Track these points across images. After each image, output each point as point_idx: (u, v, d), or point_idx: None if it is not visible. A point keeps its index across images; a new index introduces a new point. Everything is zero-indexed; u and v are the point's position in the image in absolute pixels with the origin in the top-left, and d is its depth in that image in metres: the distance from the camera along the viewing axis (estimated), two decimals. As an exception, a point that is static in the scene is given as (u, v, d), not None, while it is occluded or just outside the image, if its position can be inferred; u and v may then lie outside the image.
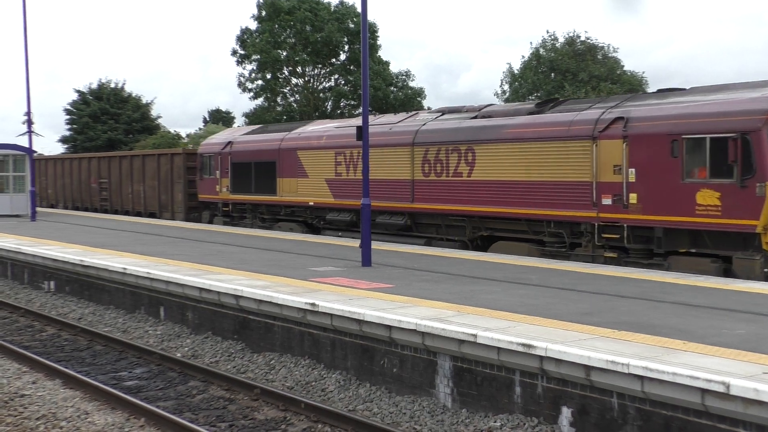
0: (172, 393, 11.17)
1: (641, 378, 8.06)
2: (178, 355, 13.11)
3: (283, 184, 26.96)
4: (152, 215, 34.52)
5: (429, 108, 49.76)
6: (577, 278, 14.21)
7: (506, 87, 55.51)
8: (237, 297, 13.19)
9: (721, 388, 7.43)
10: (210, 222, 30.92)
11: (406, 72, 54.69)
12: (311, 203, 25.72)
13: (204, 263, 16.38)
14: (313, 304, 11.75)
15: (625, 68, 53.80)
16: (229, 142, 29.94)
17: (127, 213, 36.29)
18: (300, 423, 9.83)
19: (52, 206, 43.28)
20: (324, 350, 11.87)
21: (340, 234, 24.47)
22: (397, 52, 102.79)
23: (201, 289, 13.98)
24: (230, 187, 29.46)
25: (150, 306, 15.68)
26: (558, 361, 8.77)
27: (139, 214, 35.35)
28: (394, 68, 54.75)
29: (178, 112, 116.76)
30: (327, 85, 54.86)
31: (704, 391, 7.59)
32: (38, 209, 34.97)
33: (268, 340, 12.84)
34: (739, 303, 11.62)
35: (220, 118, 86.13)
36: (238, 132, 32.23)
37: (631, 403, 8.30)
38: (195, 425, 9.36)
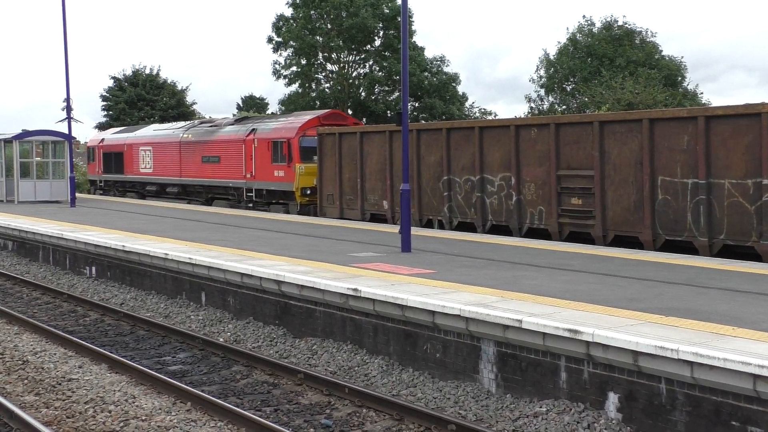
0: (216, 378, 11.26)
1: (691, 364, 7.98)
2: (221, 340, 13.21)
3: None
4: None
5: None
6: (620, 264, 14.08)
7: (542, 72, 55.03)
8: (279, 282, 13.24)
9: (774, 375, 7.33)
10: None
11: (440, 57, 54.41)
12: None
13: (245, 249, 16.47)
14: (355, 290, 11.77)
15: (663, 53, 53.08)
16: None
17: None
18: (344, 407, 9.86)
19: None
20: (366, 335, 11.89)
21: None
22: (436, 37, 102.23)
23: (243, 275, 14.06)
24: None
25: (191, 291, 15.80)
26: (605, 347, 8.71)
27: None
28: (434, 53, 54.50)
29: (218, 98, 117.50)
30: (361, 72, 54.79)
31: (756, 377, 7.50)
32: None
33: (310, 326, 12.89)
34: (787, 289, 11.44)
35: (253, 105, 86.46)
36: None
37: (680, 389, 8.22)
38: (241, 409, 9.43)
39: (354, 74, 54.75)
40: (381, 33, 52.98)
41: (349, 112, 53.59)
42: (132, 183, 39.28)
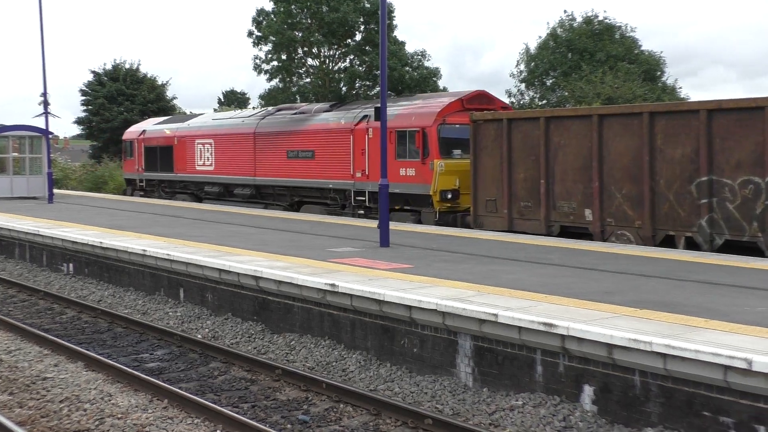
0: (194, 374, 11.23)
1: (664, 356, 8.04)
2: (199, 336, 13.17)
3: None
4: None
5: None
6: (598, 258, 14.15)
7: (522, 67, 55.15)
8: (257, 278, 13.21)
9: (743, 365, 7.41)
10: None
11: (421, 52, 54.43)
12: None
13: (223, 245, 16.42)
14: (333, 285, 11.76)
15: (642, 48, 53.35)
16: None
17: None
18: (322, 403, 9.86)
19: None
20: (344, 330, 11.88)
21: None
22: (419, 31, 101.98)
23: (221, 271, 14.02)
24: None
25: (169, 288, 15.74)
26: (580, 340, 8.75)
27: None
28: (417, 47, 54.55)
29: (199, 92, 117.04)
30: (342, 66, 54.70)
31: (727, 368, 7.58)
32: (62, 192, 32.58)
33: (288, 321, 12.88)
34: (761, 281, 11.55)
35: (234, 99, 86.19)
36: None
37: (654, 381, 8.28)
38: (218, 406, 9.41)
39: (335, 69, 54.67)
40: (362, 27, 52.91)
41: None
42: (184, 183, 33.19)
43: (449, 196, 21.49)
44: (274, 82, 54.43)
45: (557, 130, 18.68)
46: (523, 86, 55.46)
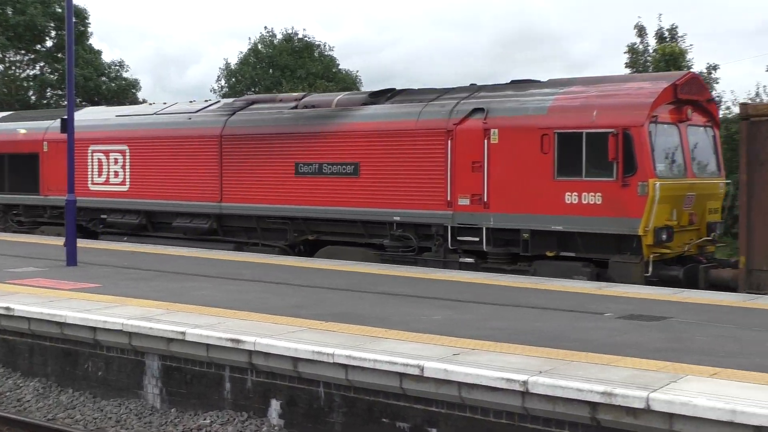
0: None
1: (345, 366, 8.33)
2: None
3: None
4: None
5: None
6: (290, 272, 14.41)
7: (223, 82, 55.18)
8: None
9: (416, 371, 7.86)
10: None
11: (119, 62, 52.68)
12: None
13: None
14: (7, 308, 10.93)
15: (341, 67, 55.59)
16: None
17: None
18: (-8, 437, 9.12)
19: None
20: (21, 357, 11.09)
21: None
22: (122, 41, 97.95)
23: None
24: None
25: None
26: (266, 355, 8.84)
27: None
28: (118, 57, 52.58)
29: None
30: (31, 73, 51.38)
31: (402, 375, 7.99)
32: None
33: (-43, 350, 11.77)
34: (437, 291, 12.37)
35: None
36: None
37: (337, 391, 8.55)
38: None
39: (23, 76, 51.22)
40: (53, 33, 50.06)
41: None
42: (61, 210, 18.77)
43: (664, 236, 13.75)
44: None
45: None
46: (225, 101, 55.45)
